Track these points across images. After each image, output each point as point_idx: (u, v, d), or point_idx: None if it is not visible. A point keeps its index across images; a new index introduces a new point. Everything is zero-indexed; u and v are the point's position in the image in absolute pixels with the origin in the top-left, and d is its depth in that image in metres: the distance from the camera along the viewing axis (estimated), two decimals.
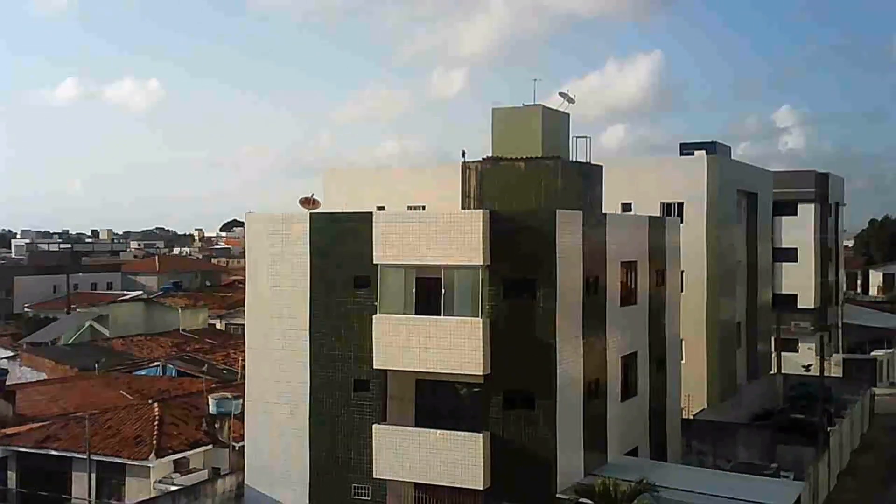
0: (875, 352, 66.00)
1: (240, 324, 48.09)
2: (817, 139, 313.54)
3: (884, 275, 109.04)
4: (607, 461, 30.47)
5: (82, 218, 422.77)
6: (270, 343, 30.82)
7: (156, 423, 34.19)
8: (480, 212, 28.10)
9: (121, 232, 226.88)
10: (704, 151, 46.93)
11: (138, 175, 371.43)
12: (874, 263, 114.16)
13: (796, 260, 64.65)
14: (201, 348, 55.64)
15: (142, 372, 48.90)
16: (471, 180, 32.37)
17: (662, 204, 44.40)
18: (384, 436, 28.59)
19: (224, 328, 67.67)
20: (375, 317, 28.70)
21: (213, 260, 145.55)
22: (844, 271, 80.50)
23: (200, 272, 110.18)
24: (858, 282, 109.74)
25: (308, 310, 30.12)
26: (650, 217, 36.70)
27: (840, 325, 71.20)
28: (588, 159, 34.09)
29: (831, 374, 56.33)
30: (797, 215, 64.97)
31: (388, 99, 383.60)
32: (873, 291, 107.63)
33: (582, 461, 29.10)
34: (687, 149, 48.56)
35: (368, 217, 29.29)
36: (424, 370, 28.30)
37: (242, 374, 33.79)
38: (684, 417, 39.60)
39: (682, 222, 40.48)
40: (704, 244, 44.15)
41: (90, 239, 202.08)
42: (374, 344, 28.63)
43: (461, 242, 27.56)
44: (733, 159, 51.03)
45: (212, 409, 34.87)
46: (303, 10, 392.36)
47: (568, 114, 34.94)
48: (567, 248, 28.01)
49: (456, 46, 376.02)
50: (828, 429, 40.42)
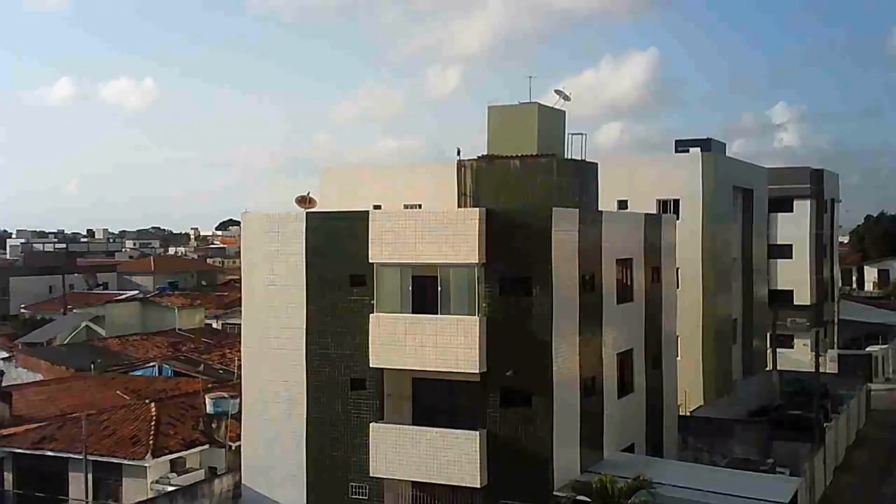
0: (871, 347, 66.13)
1: (236, 323, 47.99)
2: (813, 135, 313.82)
3: (879, 270, 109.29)
4: (604, 458, 30.52)
5: (77, 217, 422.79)
6: (267, 342, 30.81)
7: (152, 424, 34.16)
8: (476, 210, 28.12)
9: (116, 231, 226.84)
10: (700, 148, 46.97)
11: (134, 174, 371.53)
12: (869, 259, 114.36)
13: (792, 256, 64.78)
14: (197, 348, 55.57)
15: (138, 372, 48.84)
16: (467, 178, 32.39)
17: (658, 201, 44.43)
18: (381, 434, 28.60)
19: (220, 328, 67.61)
20: (372, 315, 28.69)
21: (209, 259, 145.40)
22: (840, 267, 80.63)
23: (196, 272, 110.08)
24: (854, 278, 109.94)
25: (304, 309, 30.10)
26: (646, 214, 36.74)
27: (836, 321, 71.31)
28: (584, 157, 34.12)
29: (827, 370, 56.48)
30: (793, 212, 65.10)
31: (385, 98, 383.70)
32: (869, 287, 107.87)
33: (579, 458, 29.15)
34: (682, 146, 48.58)
35: (365, 216, 29.27)
36: (421, 369, 28.31)
37: (239, 374, 33.74)
38: (681, 414, 39.66)
39: (678, 219, 40.56)
40: (700, 241, 44.18)
41: (85, 239, 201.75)
42: (371, 342, 28.62)
43: (457, 241, 27.56)
44: (729, 156, 51.09)
45: (208, 409, 34.84)
46: (298, 10, 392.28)
47: (563, 111, 34.99)
48: (563, 246, 28.03)
49: (452, 44, 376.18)
50: (824, 424, 40.53)
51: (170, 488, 31.70)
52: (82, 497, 32.64)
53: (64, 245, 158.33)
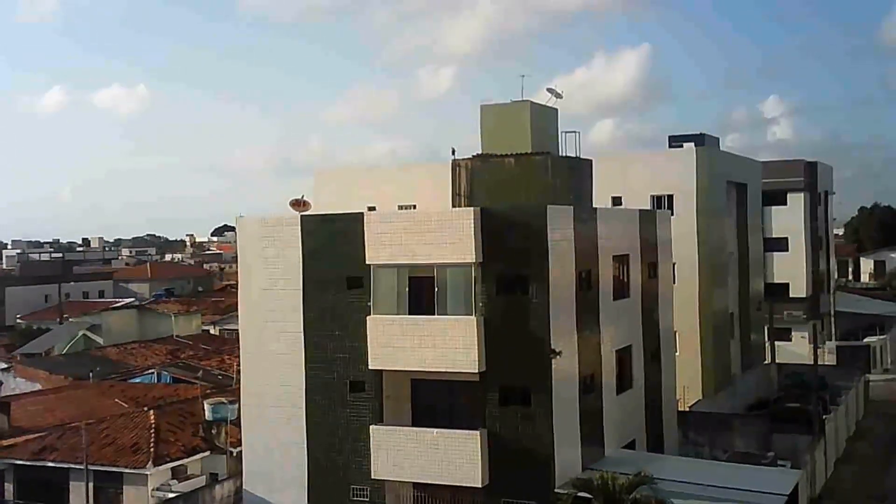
0: (868, 338, 66.23)
1: (234, 329, 47.98)
2: (806, 128, 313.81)
3: (874, 262, 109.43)
4: (604, 455, 30.53)
5: (72, 226, 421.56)
6: (265, 347, 30.78)
7: (152, 431, 34.14)
8: (471, 209, 28.12)
9: (112, 239, 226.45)
10: (693, 143, 47.00)
11: (128, 181, 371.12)
12: (865, 251, 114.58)
13: (787, 249, 64.79)
14: (196, 354, 55.59)
15: (137, 380, 48.82)
16: (461, 178, 32.38)
17: (652, 197, 44.45)
18: (381, 436, 28.58)
19: (218, 333, 67.62)
20: (369, 317, 28.68)
21: (205, 265, 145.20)
22: (835, 259, 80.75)
23: (193, 278, 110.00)
24: (850, 269, 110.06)
25: (302, 312, 30.08)
26: (641, 210, 36.78)
27: (833, 313, 71.43)
28: (577, 154, 34.16)
29: (825, 362, 56.55)
30: (787, 205, 65.10)
31: (377, 99, 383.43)
32: (865, 278, 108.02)
33: (579, 456, 29.14)
34: (676, 141, 48.60)
35: (360, 217, 29.27)
36: (420, 369, 28.30)
37: (238, 379, 33.72)
38: (680, 409, 39.66)
39: (673, 215, 40.55)
40: (695, 236, 44.21)
41: (81, 247, 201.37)
42: (369, 344, 28.61)
43: (453, 240, 27.56)
44: (722, 150, 51.12)
45: (208, 415, 34.84)
46: (289, 12, 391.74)
47: (556, 109, 35.02)
48: (559, 244, 28.04)
49: (444, 44, 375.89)
50: (823, 417, 40.57)
51: (171, 495, 31.71)
52: None
53: (60, 254, 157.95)
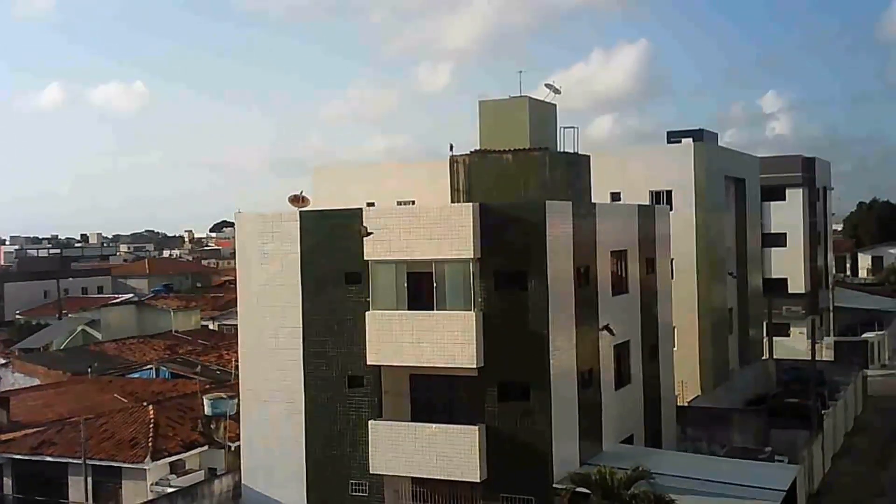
0: (866, 334, 66.36)
1: (232, 324, 47.99)
2: (804, 124, 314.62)
3: (873, 257, 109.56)
4: (603, 450, 30.57)
5: (70, 222, 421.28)
6: (264, 342, 30.80)
7: (151, 426, 34.15)
8: (470, 205, 28.13)
9: (110, 235, 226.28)
10: (691, 139, 47.05)
11: (126, 178, 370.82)
12: (863, 246, 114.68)
13: (785, 245, 64.93)
14: (194, 350, 55.57)
15: (135, 375, 48.83)
16: (459, 174, 32.37)
17: (651, 192, 44.47)
18: (380, 431, 28.61)
19: (217, 329, 67.59)
20: (368, 313, 28.71)
21: (204, 261, 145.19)
22: (833, 255, 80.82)
23: (191, 274, 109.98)
24: (848, 265, 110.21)
25: (300, 307, 30.10)
26: (639, 206, 36.79)
27: (831, 309, 71.51)
28: (576, 150, 34.16)
29: (823, 358, 56.60)
30: (785, 200, 65.24)
31: (375, 96, 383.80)
32: (863, 274, 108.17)
33: (578, 451, 29.19)
34: (674, 137, 48.66)
35: (358, 213, 29.28)
36: (418, 364, 28.32)
37: (236, 375, 33.74)
38: (678, 404, 39.72)
39: (671, 210, 40.57)
40: (694, 231, 44.26)
41: (79, 243, 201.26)
42: (368, 340, 28.63)
43: (451, 236, 27.58)
44: (720, 146, 51.17)
45: (207, 410, 34.84)
46: (286, 10, 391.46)
47: (554, 105, 35.03)
48: (557, 239, 28.06)
49: (442, 41, 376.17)
50: (821, 412, 40.61)
51: (170, 490, 31.70)
52: (82, 501, 32.64)
53: (58, 250, 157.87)
